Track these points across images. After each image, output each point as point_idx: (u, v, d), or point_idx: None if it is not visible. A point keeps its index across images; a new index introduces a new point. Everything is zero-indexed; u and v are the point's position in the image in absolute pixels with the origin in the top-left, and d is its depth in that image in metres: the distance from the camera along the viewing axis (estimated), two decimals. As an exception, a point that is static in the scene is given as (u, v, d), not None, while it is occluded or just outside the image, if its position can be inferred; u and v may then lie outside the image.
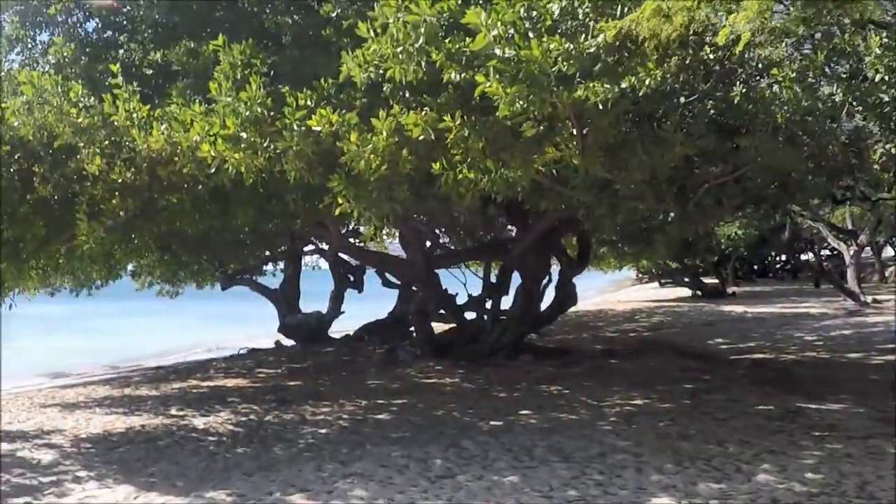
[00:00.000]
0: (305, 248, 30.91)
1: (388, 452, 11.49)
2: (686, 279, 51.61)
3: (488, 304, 24.66)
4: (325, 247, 30.05)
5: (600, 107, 8.14)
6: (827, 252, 53.54)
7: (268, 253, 29.98)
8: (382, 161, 8.77)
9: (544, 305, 23.26)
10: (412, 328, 28.92)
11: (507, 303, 23.78)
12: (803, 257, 60.91)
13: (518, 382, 17.69)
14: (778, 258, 68.15)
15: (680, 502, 8.91)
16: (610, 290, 66.16)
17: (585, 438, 11.96)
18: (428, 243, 26.08)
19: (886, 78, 8.41)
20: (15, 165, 11.86)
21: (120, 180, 11.06)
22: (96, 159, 10.74)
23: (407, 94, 9.61)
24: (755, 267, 66.18)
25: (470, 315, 25.38)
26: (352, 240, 27.48)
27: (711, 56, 9.19)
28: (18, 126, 10.90)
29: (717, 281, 51.24)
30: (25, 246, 12.76)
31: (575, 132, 8.72)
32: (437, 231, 26.92)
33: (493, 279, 26.41)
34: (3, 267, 13.34)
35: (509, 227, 26.79)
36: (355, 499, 9.43)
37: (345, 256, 30.84)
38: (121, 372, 28.44)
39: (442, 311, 23.95)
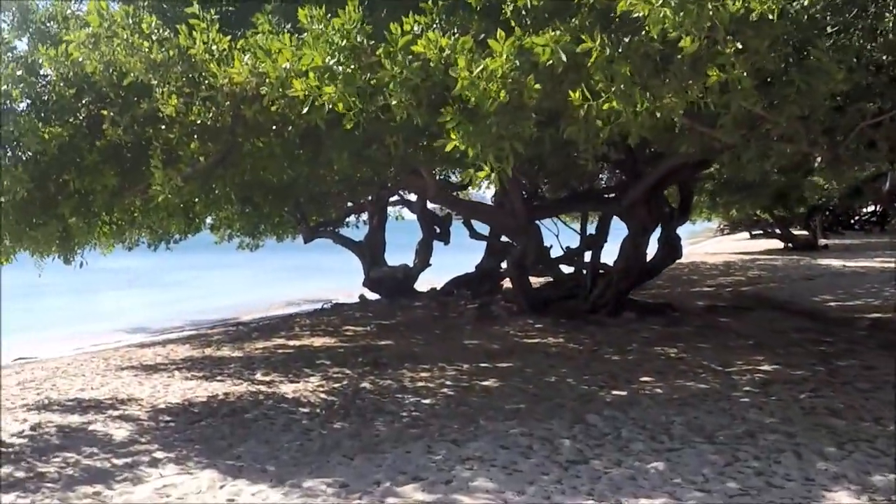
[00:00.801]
0: (390, 199, 29.72)
1: (506, 430, 10.15)
2: (778, 231, 49.96)
3: (586, 257, 23.09)
4: (413, 197, 28.96)
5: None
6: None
7: (350, 204, 28.98)
8: (502, 89, 7.28)
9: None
10: (502, 282, 27.93)
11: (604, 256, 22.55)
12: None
13: (627, 343, 16.48)
14: (865, 210, 66.02)
15: (859, 497, 7.43)
16: (690, 243, 64.80)
17: (724, 413, 10.58)
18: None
19: None
20: (82, 109, 11.03)
21: (199, 122, 9.93)
22: (172, 99, 9.51)
23: (532, 19, 8.14)
24: (839, 218, 64.21)
25: (565, 269, 24.02)
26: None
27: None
28: (84, 62, 9.63)
29: (807, 233, 49.63)
30: (96, 198, 11.84)
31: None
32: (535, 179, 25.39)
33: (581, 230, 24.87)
34: (71, 222, 12.33)
35: (613, 174, 25.45)
36: (479, 492, 7.99)
37: (432, 207, 29.71)
38: (200, 328, 27.75)
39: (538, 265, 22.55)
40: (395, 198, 30.23)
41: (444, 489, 8.09)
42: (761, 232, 56.36)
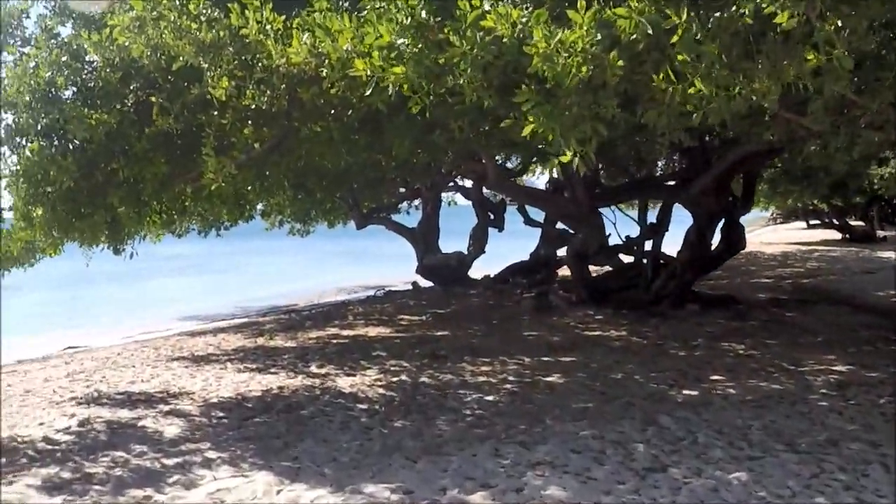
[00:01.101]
0: (445, 184, 29.24)
1: (576, 431, 9.61)
2: (836, 221, 49.03)
3: (646, 246, 22.50)
4: (468, 183, 28.48)
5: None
6: None
7: (402, 190, 28.59)
8: (582, 64, 6.68)
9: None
10: (557, 271, 27.43)
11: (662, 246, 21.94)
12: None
13: (692, 337, 15.99)
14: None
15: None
16: (745, 232, 63.89)
17: (802, 417, 10.04)
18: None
19: None
20: (130, 95, 10.80)
21: (252, 106, 9.41)
22: (223, 82, 9.03)
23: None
24: (890, 210, 63.01)
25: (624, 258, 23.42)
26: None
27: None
28: (130, 46, 9.20)
29: (864, 224, 48.64)
30: (145, 187, 11.55)
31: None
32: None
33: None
34: (120, 211, 11.97)
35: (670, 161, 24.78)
36: (553, 501, 7.44)
37: (487, 193, 29.22)
38: (251, 316, 27.49)
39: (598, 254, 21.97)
40: (450, 184, 29.66)
41: (515, 498, 7.56)
42: (818, 222, 55.27)
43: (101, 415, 11.59)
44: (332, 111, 9.88)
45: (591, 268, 23.64)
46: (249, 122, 9.81)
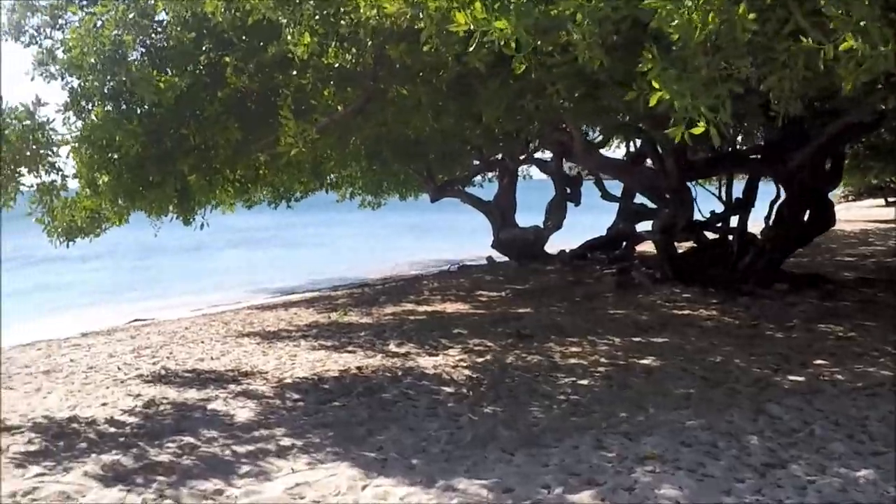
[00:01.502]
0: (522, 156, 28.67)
1: (682, 421, 8.89)
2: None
3: (732, 222, 21.67)
4: (546, 154, 27.79)
5: None
6: None
7: (476, 162, 27.96)
8: (711, 21, 5.85)
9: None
10: (635, 246, 26.80)
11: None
12: None
13: (786, 318, 15.18)
14: None
15: None
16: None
17: (921, 408, 9.28)
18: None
19: None
20: (202, 56, 10.44)
21: (336, 65, 8.79)
22: (305, 38, 8.37)
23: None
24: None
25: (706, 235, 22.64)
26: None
27: None
28: (203, 1, 8.64)
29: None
30: (217, 154, 11.13)
31: None
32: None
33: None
34: (190, 179, 11.53)
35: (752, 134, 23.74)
36: (668, 501, 6.68)
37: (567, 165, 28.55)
38: (322, 289, 27.09)
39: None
40: (525, 156, 28.83)
41: (628, 498, 6.80)
42: (897, 199, 54.02)
43: (168, 395, 11.08)
44: (422, 72, 9.14)
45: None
46: (331, 82, 9.14)
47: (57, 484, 7.63)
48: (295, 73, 9.40)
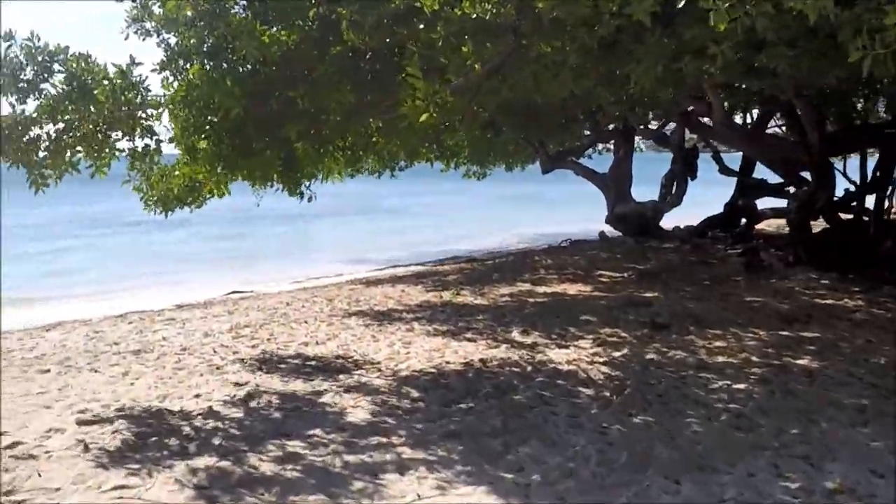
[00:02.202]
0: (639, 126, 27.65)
1: (864, 441, 7.77)
2: None
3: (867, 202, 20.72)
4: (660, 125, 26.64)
5: None
6: None
7: (587, 133, 26.86)
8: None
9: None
10: (755, 225, 25.78)
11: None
12: None
13: (943, 311, 13.91)
14: None
15: None
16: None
17: None
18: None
19: None
20: (312, 9, 9.74)
21: (473, 16, 7.73)
22: (436, -14, 7.28)
23: None
24: None
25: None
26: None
27: None
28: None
29: None
30: (328, 119, 10.32)
31: None
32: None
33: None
34: (298, 147, 10.89)
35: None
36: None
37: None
38: (428, 263, 26.24)
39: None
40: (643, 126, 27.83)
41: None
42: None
43: (271, 385, 10.09)
44: (569, 27, 7.93)
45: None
46: (467, 37, 8.10)
47: (139, 502, 6.53)
48: (423, 27, 8.38)
